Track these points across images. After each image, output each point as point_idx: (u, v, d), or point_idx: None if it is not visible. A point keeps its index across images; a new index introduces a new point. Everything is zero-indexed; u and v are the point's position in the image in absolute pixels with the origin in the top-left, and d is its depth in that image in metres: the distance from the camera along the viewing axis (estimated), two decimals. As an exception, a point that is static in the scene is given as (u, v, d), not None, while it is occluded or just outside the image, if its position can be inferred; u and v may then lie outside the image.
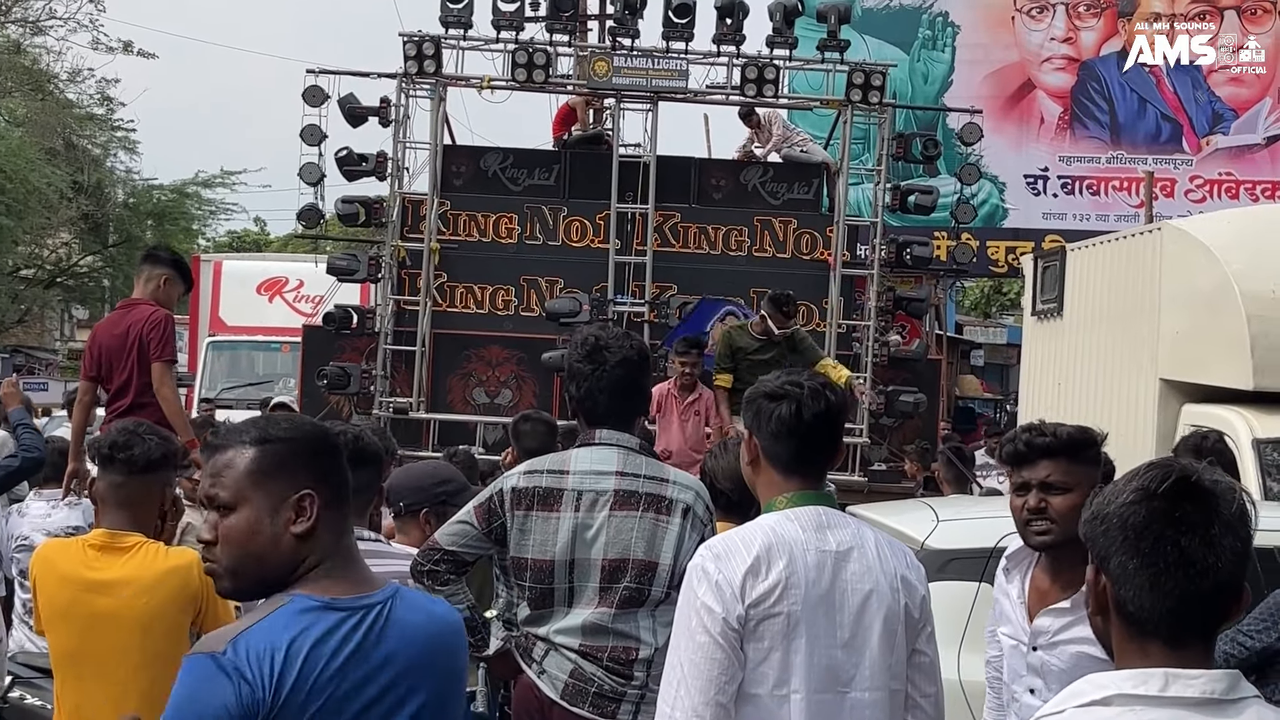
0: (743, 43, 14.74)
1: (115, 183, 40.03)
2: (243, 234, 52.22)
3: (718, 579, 3.48)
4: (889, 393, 14.45)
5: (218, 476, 2.79)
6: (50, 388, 34.91)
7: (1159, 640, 2.20)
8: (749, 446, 3.76)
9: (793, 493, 3.66)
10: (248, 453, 2.78)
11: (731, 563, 3.50)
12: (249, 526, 2.76)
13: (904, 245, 15.30)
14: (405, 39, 14.63)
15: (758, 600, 3.48)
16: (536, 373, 14.51)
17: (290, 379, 18.33)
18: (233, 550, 2.77)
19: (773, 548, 3.52)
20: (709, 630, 3.46)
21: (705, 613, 3.47)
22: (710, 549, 3.58)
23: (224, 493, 2.77)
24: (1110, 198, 23.45)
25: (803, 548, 3.54)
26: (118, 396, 8.38)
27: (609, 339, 4.57)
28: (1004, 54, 23.91)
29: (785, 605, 3.49)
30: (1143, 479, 2.23)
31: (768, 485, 3.72)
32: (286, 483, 2.78)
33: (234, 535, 2.76)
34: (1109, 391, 10.79)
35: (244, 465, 2.77)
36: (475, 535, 4.51)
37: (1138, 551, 2.19)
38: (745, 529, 3.62)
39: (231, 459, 2.79)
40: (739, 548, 3.53)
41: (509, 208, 15.17)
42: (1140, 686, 2.17)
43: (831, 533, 3.62)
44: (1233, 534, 2.19)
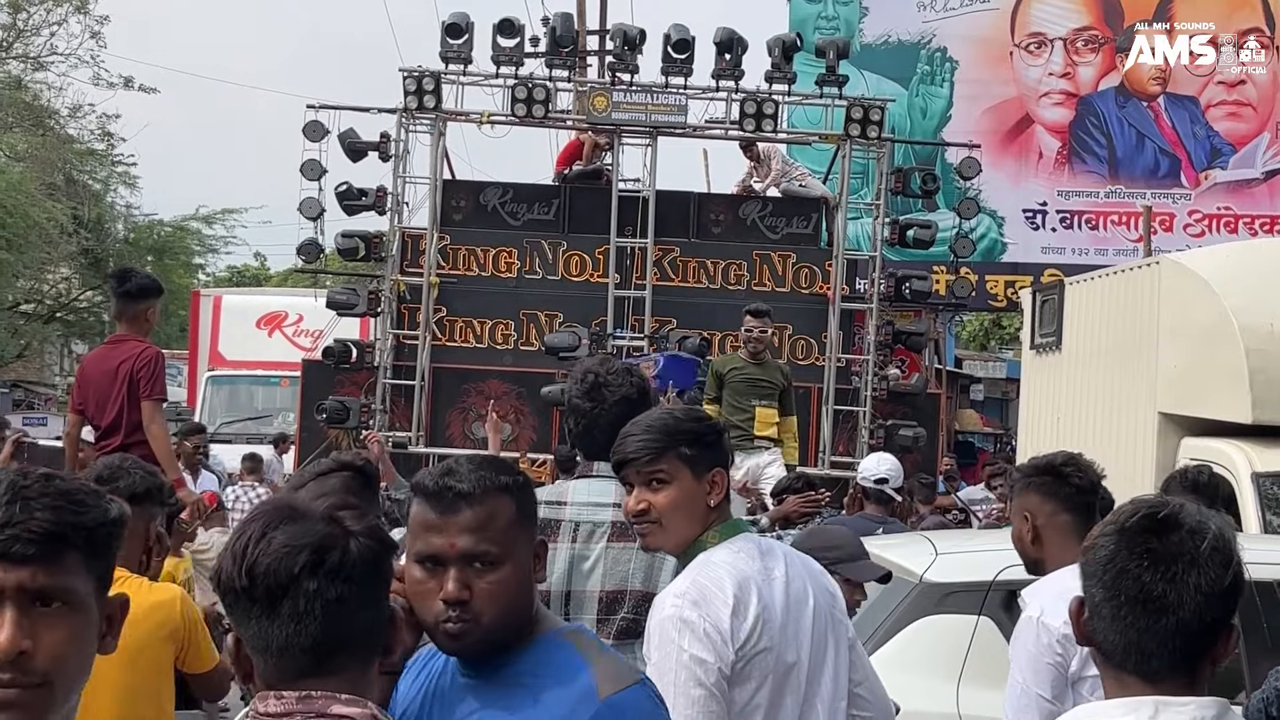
0: (742, 78, 14.80)
1: (115, 218, 40.04)
2: (242, 269, 52.22)
3: (705, 627, 3.35)
4: (888, 427, 14.45)
5: (481, 530, 2.56)
6: (50, 423, 34.84)
7: (1133, 674, 2.20)
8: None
9: (720, 525, 3.57)
10: (507, 501, 2.61)
11: (714, 607, 3.38)
12: (518, 579, 2.60)
13: (903, 279, 15.33)
14: (405, 74, 14.69)
15: (744, 641, 3.38)
16: (535, 407, 14.51)
17: (289, 413, 18.32)
18: (502, 606, 2.57)
19: (742, 584, 3.42)
20: (703, 683, 3.33)
21: (697, 665, 3.33)
22: (684, 596, 3.42)
23: (494, 547, 2.56)
24: (1109, 232, 23.45)
25: (761, 579, 3.48)
26: (107, 434, 8.33)
27: (609, 376, 4.55)
28: (1002, 89, 23.95)
29: (765, 641, 3.41)
30: (1117, 514, 2.25)
31: (697, 520, 3.58)
32: (533, 529, 2.68)
33: (503, 590, 2.57)
34: (1108, 425, 10.77)
35: (508, 515, 2.60)
36: None
37: (1103, 584, 2.21)
38: (704, 570, 3.47)
39: (494, 509, 2.59)
40: (714, 590, 3.41)
41: (508, 242, 15.20)
42: (1130, 715, 2.18)
43: (769, 559, 3.57)
44: (1199, 572, 2.17)
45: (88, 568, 1.97)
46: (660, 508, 3.52)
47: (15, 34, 35.95)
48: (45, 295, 39.17)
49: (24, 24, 35.89)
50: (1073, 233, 23.60)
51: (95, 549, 1.98)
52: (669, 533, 3.55)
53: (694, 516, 3.53)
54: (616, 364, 4.71)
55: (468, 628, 2.55)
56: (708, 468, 3.55)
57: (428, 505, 2.61)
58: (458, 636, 2.55)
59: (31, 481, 1.95)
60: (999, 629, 5.72)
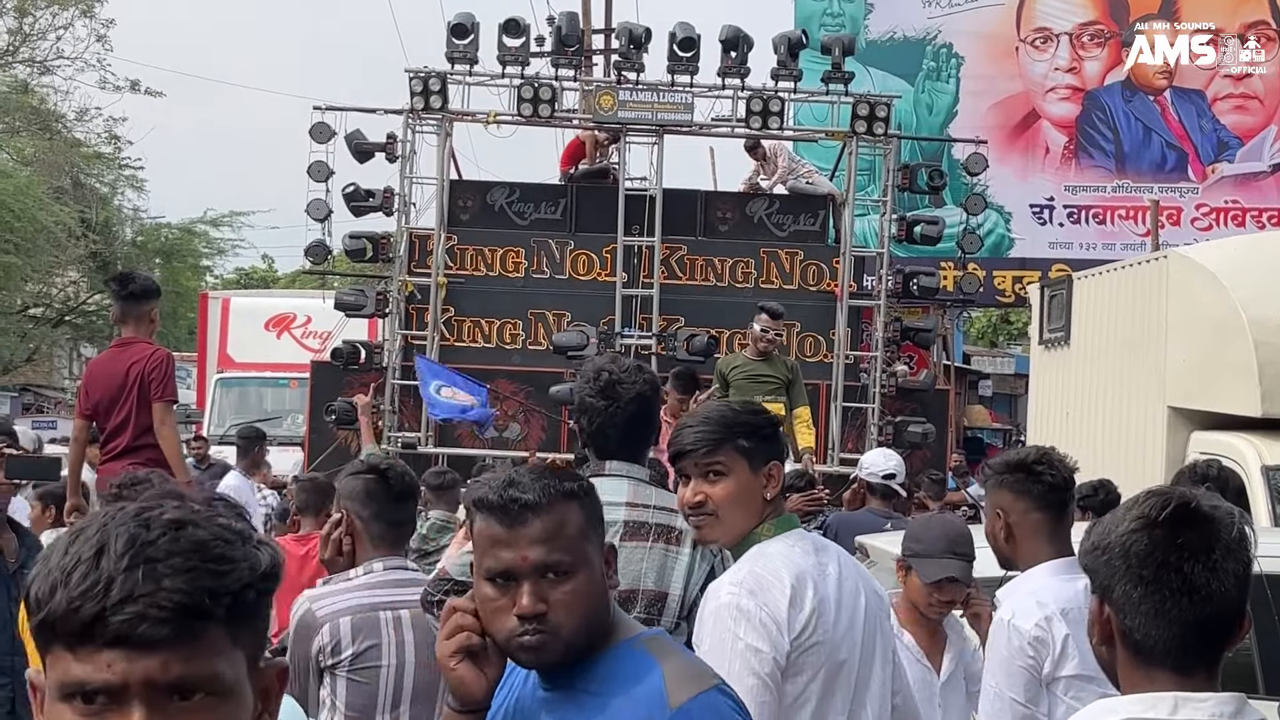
0: (747, 75, 14.78)
1: (123, 221, 40.09)
2: (250, 271, 52.28)
3: (761, 616, 3.33)
4: (897, 424, 14.45)
5: (553, 539, 2.50)
6: (59, 426, 34.88)
7: (1166, 668, 2.20)
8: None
9: (773, 519, 3.57)
10: (575, 508, 2.55)
11: (771, 596, 3.37)
12: (592, 585, 2.54)
13: (910, 276, 15.32)
14: (411, 75, 14.69)
15: (800, 632, 3.37)
16: (544, 406, 14.51)
17: (298, 415, 18.33)
18: (579, 615, 2.51)
19: (799, 576, 3.42)
20: (757, 673, 3.30)
21: (752, 654, 3.31)
22: (741, 585, 3.40)
23: (566, 556, 2.50)
24: (1116, 226, 23.45)
25: (816, 574, 3.48)
26: (114, 435, 8.34)
27: (622, 374, 4.53)
28: (1008, 84, 23.96)
29: (819, 634, 3.40)
30: (1142, 507, 2.23)
31: (753, 513, 3.58)
32: (601, 533, 2.62)
33: (578, 599, 2.51)
34: (1117, 420, 10.77)
35: (577, 522, 2.54)
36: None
37: (1141, 580, 2.19)
38: (760, 561, 3.47)
39: (563, 517, 2.52)
40: (771, 580, 3.40)
41: (516, 242, 15.20)
42: (1150, 711, 2.17)
43: (823, 556, 3.58)
44: (1234, 558, 2.19)
45: (236, 641, 1.56)
46: (717, 500, 3.52)
47: (21, 38, 36.00)
48: (53, 299, 39.21)
49: (30, 28, 35.94)
50: (1080, 227, 23.61)
51: (244, 616, 1.57)
52: (725, 525, 3.54)
53: (750, 509, 3.53)
54: (627, 361, 4.70)
55: (545, 640, 2.49)
56: (764, 460, 3.55)
57: (494, 519, 2.53)
58: (536, 649, 2.49)
59: (157, 534, 1.52)
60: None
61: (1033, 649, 3.98)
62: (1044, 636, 3.98)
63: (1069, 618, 3.97)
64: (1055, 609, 4.00)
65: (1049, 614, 3.99)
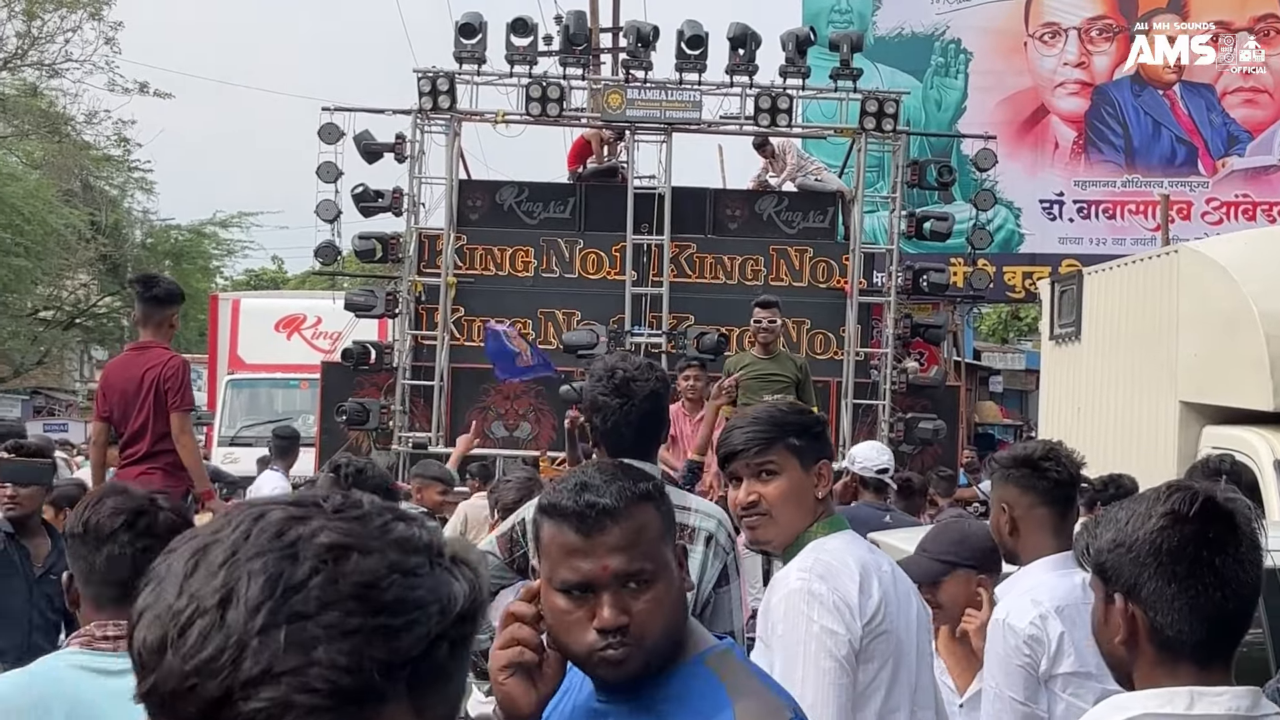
0: (756, 73, 14.78)
1: (133, 223, 40.21)
2: (260, 272, 52.36)
3: (834, 600, 3.31)
4: (908, 420, 14.44)
5: (633, 547, 2.33)
6: (70, 429, 34.97)
7: (1191, 661, 2.19)
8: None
9: (826, 519, 3.56)
10: (652, 510, 2.39)
11: (841, 581, 3.35)
12: (675, 591, 2.38)
13: (920, 272, 15.31)
14: (420, 75, 14.70)
15: (871, 618, 3.35)
16: (554, 405, 14.50)
17: (309, 415, 18.35)
18: (664, 623, 2.35)
19: (865, 565, 3.42)
20: (834, 655, 3.28)
21: (828, 636, 3.29)
22: (810, 570, 3.37)
23: (649, 563, 2.34)
24: (1126, 221, 23.42)
25: (875, 567, 3.47)
26: (132, 441, 8.35)
27: (635, 371, 4.51)
28: (1017, 80, 23.94)
29: (889, 623, 3.39)
30: (1170, 503, 2.22)
31: (806, 512, 3.55)
32: (674, 535, 2.45)
33: (663, 606, 2.35)
34: (1129, 415, 10.75)
35: (656, 526, 2.38)
36: (498, 565, 4.47)
37: (1175, 576, 2.18)
38: (824, 551, 3.44)
39: (643, 523, 2.36)
40: (839, 566, 3.38)
41: (525, 241, 15.21)
42: (1166, 705, 2.17)
43: (878, 555, 3.59)
44: (1255, 551, 2.20)
45: (421, 715, 1.13)
46: (771, 499, 3.50)
47: (30, 41, 36.05)
48: (64, 302, 39.32)
49: (38, 31, 35.99)
50: (1090, 222, 23.58)
51: (433, 680, 1.14)
52: (780, 525, 3.52)
53: (803, 508, 3.52)
54: (638, 359, 4.70)
55: (629, 652, 2.32)
56: (815, 459, 3.54)
57: (568, 526, 2.35)
58: (621, 663, 2.32)
59: (307, 570, 1.09)
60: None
61: (1028, 647, 3.96)
62: (1039, 635, 3.97)
63: (1064, 615, 3.95)
64: (1050, 606, 3.98)
65: (1043, 612, 3.98)
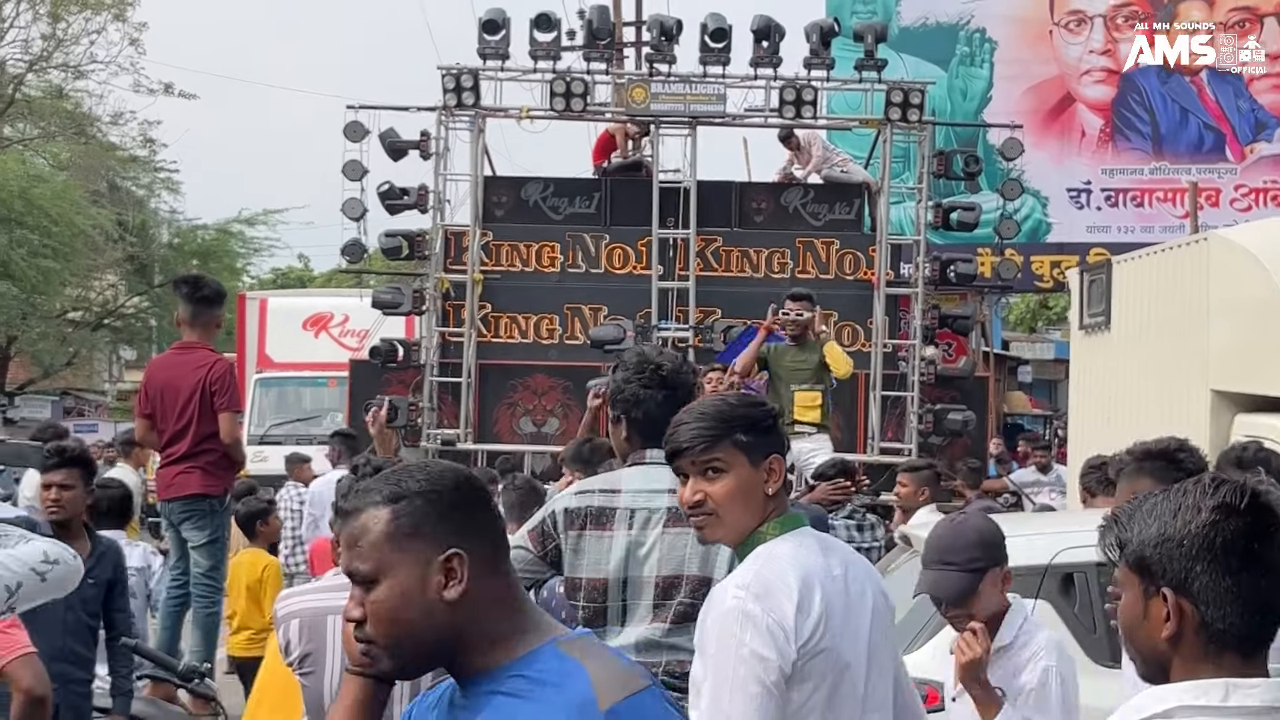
0: (780, 65, 14.73)
1: (159, 223, 40.35)
2: (286, 271, 52.48)
3: (768, 623, 3.23)
4: (937, 411, 14.39)
5: (354, 546, 2.41)
6: (100, 429, 35.12)
7: (1237, 654, 2.18)
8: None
9: (779, 517, 3.47)
10: (382, 514, 2.40)
11: (777, 601, 3.26)
12: (398, 599, 2.39)
13: (948, 263, 15.25)
14: (444, 72, 14.69)
15: (808, 639, 3.26)
16: (582, 401, 14.46)
17: (337, 414, 18.40)
18: (384, 627, 2.39)
19: (806, 580, 3.31)
20: (762, 681, 3.21)
21: (757, 662, 3.21)
22: (747, 589, 3.29)
23: (364, 565, 2.39)
24: (1154, 209, 23.29)
25: (823, 576, 3.37)
26: (173, 441, 8.49)
27: (668, 363, 4.49)
28: (1043, 68, 23.83)
29: (828, 640, 3.29)
30: (1220, 497, 2.21)
31: (755, 510, 3.47)
32: (429, 543, 2.40)
33: (382, 611, 2.39)
34: (1160, 404, 10.69)
35: (380, 530, 2.39)
36: (531, 560, 4.45)
37: (1229, 569, 2.17)
38: (768, 564, 3.35)
39: (365, 524, 2.40)
40: (778, 584, 3.29)
41: (551, 236, 15.20)
42: (1202, 698, 2.15)
43: (829, 557, 3.47)
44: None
45: None
46: (717, 498, 3.42)
47: (55, 43, 36.21)
48: (92, 303, 39.48)
49: (63, 33, 36.15)
50: (1118, 211, 23.47)
51: None
52: (726, 524, 3.45)
53: (752, 506, 3.43)
54: (670, 351, 4.71)
55: (370, 650, 2.42)
56: (764, 454, 3.45)
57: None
58: (370, 661, 2.46)
59: None
60: (1056, 612, 5.69)
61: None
62: None
63: None
64: None
65: None
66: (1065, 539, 5.98)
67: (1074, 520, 7.34)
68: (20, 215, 30.20)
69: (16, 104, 35.86)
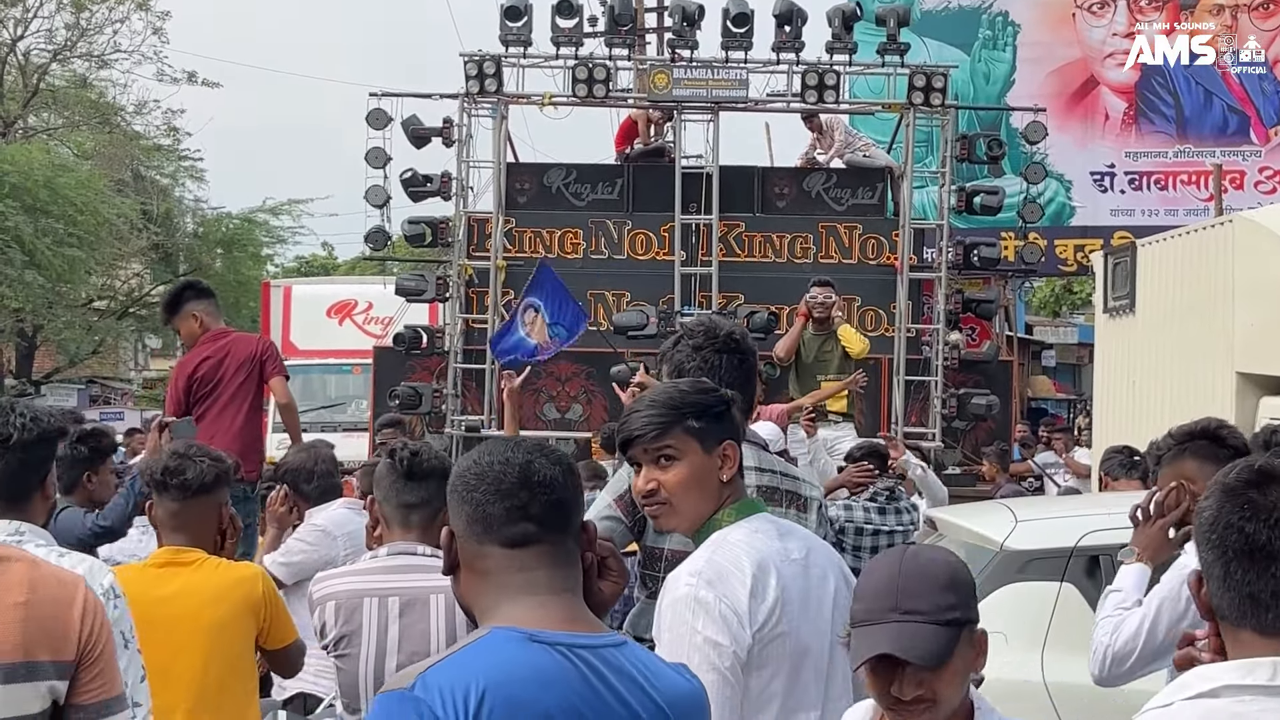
0: (802, 49, 14.72)
1: (184, 212, 40.46)
2: (310, 258, 52.60)
3: (720, 609, 3.19)
4: (960, 396, 14.38)
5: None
6: (126, 417, 35.27)
7: (1252, 629, 2.20)
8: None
9: (735, 503, 3.44)
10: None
11: (730, 586, 3.23)
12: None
13: (971, 247, 15.23)
14: (466, 59, 14.72)
15: (763, 623, 3.23)
16: (606, 387, 14.52)
17: (362, 400, 18.45)
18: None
19: (761, 564, 3.28)
20: (717, 667, 3.16)
21: (710, 648, 3.17)
22: (699, 575, 3.25)
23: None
24: (1178, 192, 23.20)
25: (780, 560, 3.33)
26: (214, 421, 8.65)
27: (737, 329, 4.40)
28: (1066, 51, 23.72)
29: (785, 624, 3.27)
30: (1220, 474, 2.24)
31: (709, 497, 3.44)
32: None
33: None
34: (1185, 387, 10.67)
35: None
36: (622, 530, 4.32)
37: (1211, 544, 2.23)
38: (721, 549, 3.32)
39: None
40: (731, 570, 3.25)
41: (573, 223, 15.23)
42: (1248, 676, 2.16)
43: (788, 541, 3.44)
44: None
45: None
46: (670, 486, 3.39)
47: (79, 33, 36.38)
48: (117, 291, 39.63)
49: (87, 23, 36.30)
50: (1142, 194, 23.38)
51: None
52: (680, 512, 3.42)
53: (706, 493, 3.40)
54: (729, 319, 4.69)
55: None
56: (718, 441, 3.41)
57: None
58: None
59: None
60: (1082, 595, 5.70)
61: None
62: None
63: None
64: None
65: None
66: (1091, 521, 5.97)
67: (1100, 503, 7.34)
68: (46, 204, 30.31)
69: (41, 94, 36.05)
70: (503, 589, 2.47)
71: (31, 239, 29.96)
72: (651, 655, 2.54)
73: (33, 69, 36.01)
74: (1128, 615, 4.10)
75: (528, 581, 2.46)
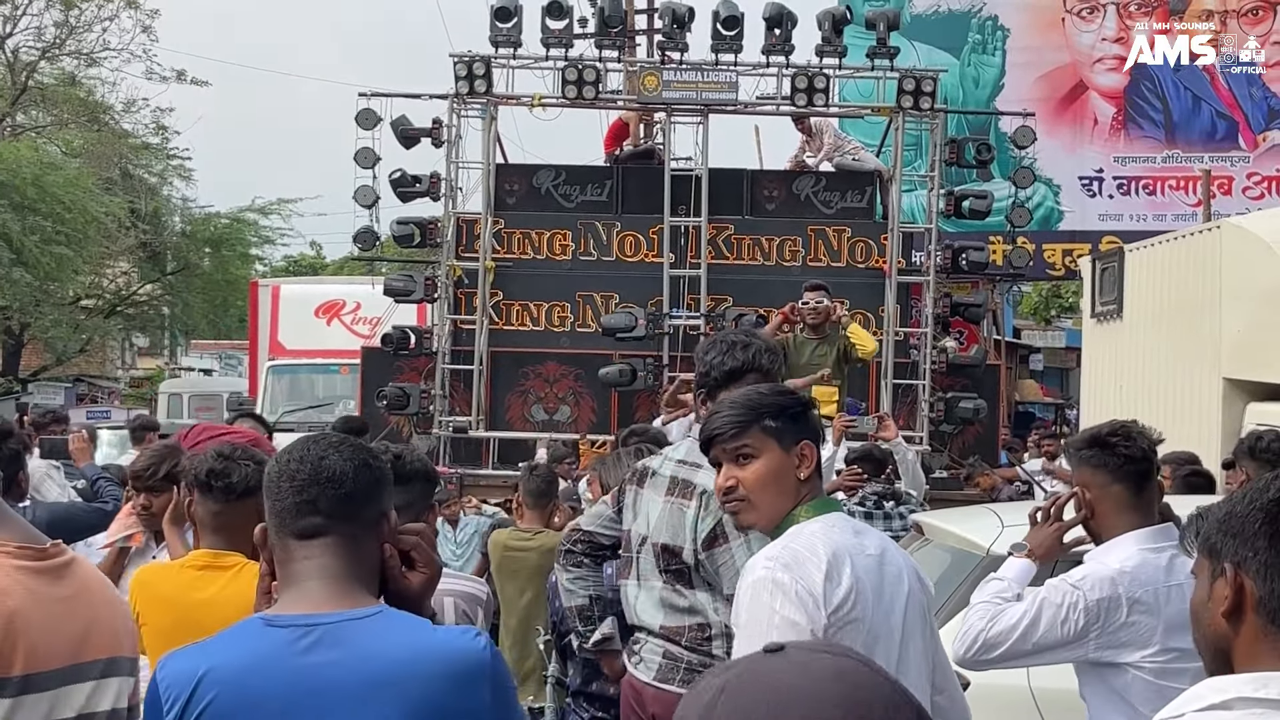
0: (792, 53, 14.71)
1: (172, 211, 40.40)
2: (299, 258, 52.54)
3: (797, 589, 3.28)
4: (948, 399, 14.39)
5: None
6: (113, 416, 35.19)
7: None
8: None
9: (812, 501, 3.55)
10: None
11: (806, 570, 3.31)
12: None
13: (959, 251, 15.25)
14: (456, 60, 14.69)
15: (838, 607, 3.31)
16: (594, 389, 14.53)
17: (350, 401, 18.43)
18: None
19: (835, 552, 3.36)
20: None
21: (789, 627, 3.23)
22: (775, 560, 3.35)
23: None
24: (1167, 197, 23.26)
25: (855, 552, 3.42)
26: None
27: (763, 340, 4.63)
28: (1055, 56, 23.77)
29: (859, 611, 3.34)
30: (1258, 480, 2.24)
31: (787, 494, 3.54)
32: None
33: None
34: (1172, 392, 10.70)
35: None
36: (609, 516, 4.60)
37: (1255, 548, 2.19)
38: (797, 537, 3.42)
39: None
40: (807, 554, 3.35)
41: (562, 224, 15.21)
42: (1261, 690, 2.12)
43: (864, 537, 3.54)
44: None
45: None
46: (749, 484, 3.50)
47: (68, 31, 36.31)
48: (105, 290, 39.55)
49: (76, 20, 36.23)
50: (1130, 199, 23.44)
51: None
52: (760, 509, 3.52)
53: (784, 491, 3.50)
54: None
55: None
56: (795, 440, 3.52)
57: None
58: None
59: None
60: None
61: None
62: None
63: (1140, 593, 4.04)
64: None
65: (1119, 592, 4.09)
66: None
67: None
68: (34, 202, 30.26)
69: (29, 91, 35.96)
70: (289, 578, 2.63)
71: (19, 237, 29.91)
72: (405, 625, 2.56)
73: (21, 66, 35.92)
74: (1008, 606, 4.17)
75: (306, 570, 2.60)
